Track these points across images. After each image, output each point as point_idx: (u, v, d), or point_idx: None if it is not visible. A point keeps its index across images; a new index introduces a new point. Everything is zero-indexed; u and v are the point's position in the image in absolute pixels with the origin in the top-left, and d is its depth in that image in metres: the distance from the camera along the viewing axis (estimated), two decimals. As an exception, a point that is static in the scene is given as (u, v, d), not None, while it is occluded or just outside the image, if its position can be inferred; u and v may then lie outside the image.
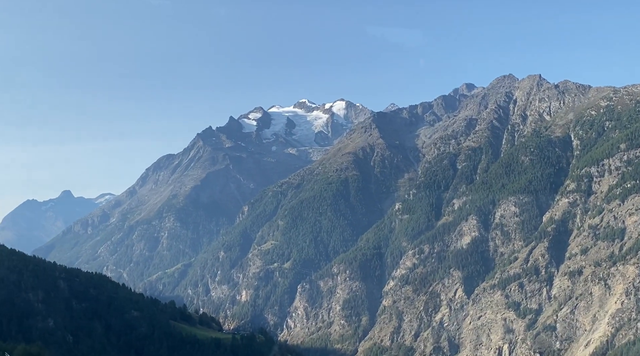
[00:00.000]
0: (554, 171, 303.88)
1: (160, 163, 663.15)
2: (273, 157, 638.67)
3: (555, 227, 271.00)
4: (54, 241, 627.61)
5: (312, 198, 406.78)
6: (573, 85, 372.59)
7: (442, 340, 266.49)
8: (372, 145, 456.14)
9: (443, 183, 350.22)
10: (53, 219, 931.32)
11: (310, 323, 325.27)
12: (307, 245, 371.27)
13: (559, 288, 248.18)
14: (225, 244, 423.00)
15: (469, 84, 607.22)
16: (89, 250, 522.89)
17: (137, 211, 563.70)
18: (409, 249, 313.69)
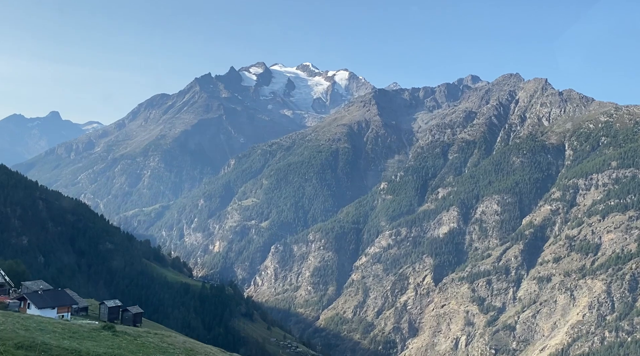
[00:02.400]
0: (542, 177, 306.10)
1: (153, 101, 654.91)
2: (268, 115, 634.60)
3: (533, 231, 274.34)
4: (35, 159, 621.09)
5: (300, 162, 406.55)
6: (577, 95, 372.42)
7: (403, 322, 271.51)
8: (368, 121, 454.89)
9: (431, 170, 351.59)
10: (37, 138, 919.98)
11: (278, 284, 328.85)
12: (287, 208, 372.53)
13: (526, 291, 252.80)
14: (206, 193, 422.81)
15: (474, 76, 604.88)
16: (69, 175, 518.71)
17: (123, 145, 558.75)
18: (387, 230, 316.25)
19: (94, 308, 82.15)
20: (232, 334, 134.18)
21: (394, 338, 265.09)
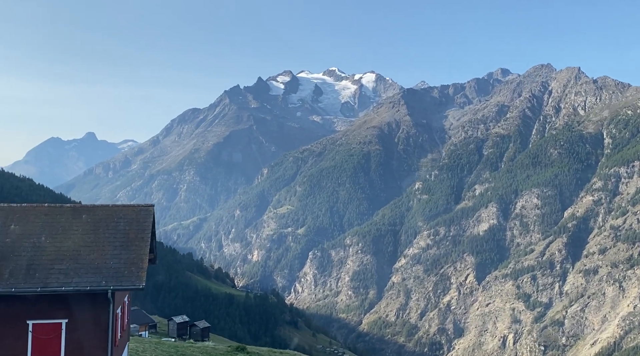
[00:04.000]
0: (581, 167, 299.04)
1: (185, 116, 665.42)
2: (297, 122, 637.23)
3: (575, 223, 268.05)
4: (74, 180, 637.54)
5: (332, 167, 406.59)
6: (612, 82, 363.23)
7: (448, 322, 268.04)
8: (398, 121, 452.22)
9: (467, 167, 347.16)
10: (75, 159, 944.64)
11: (318, 290, 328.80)
12: (323, 214, 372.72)
13: (572, 284, 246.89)
14: (241, 204, 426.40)
15: (504, 70, 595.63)
16: (108, 193, 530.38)
17: (158, 161, 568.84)
18: (425, 230, 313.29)
19: (161, 324, 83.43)
20: (278, 342, 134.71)
21: (439, 340, 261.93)
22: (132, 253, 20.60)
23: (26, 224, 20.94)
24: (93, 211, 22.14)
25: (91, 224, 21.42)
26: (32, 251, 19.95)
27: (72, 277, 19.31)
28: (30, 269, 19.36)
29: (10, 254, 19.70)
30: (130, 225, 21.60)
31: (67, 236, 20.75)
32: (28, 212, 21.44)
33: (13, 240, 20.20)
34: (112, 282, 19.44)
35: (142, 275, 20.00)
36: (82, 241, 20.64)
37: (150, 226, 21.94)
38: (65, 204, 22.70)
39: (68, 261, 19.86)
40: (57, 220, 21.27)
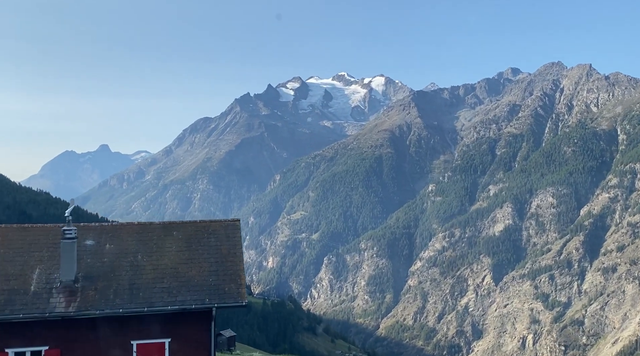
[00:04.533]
0: (596, 165, 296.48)
1: (197, 125, 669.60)
2: (308, 128, 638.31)
3: (592, 221, 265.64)
4: (90, 192, 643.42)
5: (344, 172, 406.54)
6: (624, 77, 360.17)
7: (466, 325, 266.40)
8: (410, 124, 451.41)
9: (480, 168, 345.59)
10: (90, 172, 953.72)
11: (334, 295, 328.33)
12: (336, 218, 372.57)
13: (591, 283, 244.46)
14: (255, 211, 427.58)
15: (514, 69, 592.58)
16: (124, 205, 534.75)
17: (171, 171, 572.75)
18: (440, 232, 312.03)
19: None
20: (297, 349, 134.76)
21: (458, 342, 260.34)
22: (228, 269, 20.54)
23: (120, 243, 20.86)
24: (183, 227, 22.14)
25: (183, 240, 21.37)
26: (132, 270, 19.79)
27: (176, 295, 19.10)
28: (133, 288, 19.18)
29: (111, 274, 19.57)
30: (220, 241, 21.65)
31: (163, 253, 20.69)
32: (120, 230, 21.47)
33: (111, 260, 20.09)
34: (215, 299, 19.20)
35: (243, 292, 19.82)
36: (178, 259, 20.56)
37: (240, 241, 22.20)
38: (155, 222, 22.86)
39: (168, 279, 19.67)
40: (150, 238, 21.24)
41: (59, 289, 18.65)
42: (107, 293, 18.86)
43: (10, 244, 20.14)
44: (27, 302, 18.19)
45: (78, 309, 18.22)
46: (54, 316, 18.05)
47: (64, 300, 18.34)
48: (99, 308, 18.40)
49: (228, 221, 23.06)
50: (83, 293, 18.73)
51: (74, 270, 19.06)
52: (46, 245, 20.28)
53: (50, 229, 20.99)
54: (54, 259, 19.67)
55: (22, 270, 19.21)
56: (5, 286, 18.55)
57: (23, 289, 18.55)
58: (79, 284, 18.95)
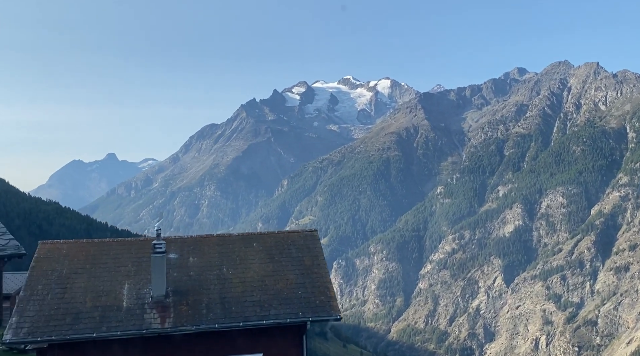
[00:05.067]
0: (606, 163, 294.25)
1: (203, 132, 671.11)
2: (314, 132, 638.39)
3: (603, 220, 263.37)
4: (98, 201, 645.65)
5: (352, 175, 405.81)
6: (632, 75, 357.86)
7: (478, 327, 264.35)
8: (416, 126, 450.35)
9: (488, 169, 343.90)
10: (97, 181, 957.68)
11: (344, 299, 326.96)
12: (345, 222, 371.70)
13: (604, 282, 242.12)
14: (263, 216, 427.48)
15: (520, 69, 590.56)
16: (132, 213, 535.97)
17: (179, 178, 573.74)
18: (449, 234, 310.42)
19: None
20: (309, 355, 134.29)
21: (470, 345, 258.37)
22: (315, 281, 20.14)
23: (203, 256, 20.48)
24: (261, 238, 21.97)
25: (264, 252, 21.18)
26: (219, 284, 19.41)
27: (268, 309, 18.68)
28: (225, 302, 18.75)
29: (199, 288, 19.14)
30: (302, 252, 21.34)
31: (247, 266, 20.44)
32: (200, 243, 21.16)
33: (197, 273, 19.71)
34: (309, 313, 18.77)
35: (335, 304, 19.34)
36: (263, 271, 20.29)
37: (322, 252, 21.70)
38: (233, 233, 22.57)
39: (258, 293, 19.31)
40: (231, 250, 21.03)
41: (151, 305, 18.32)
42: (200, 308, 18.54)
43: (94, 259, 19.84)
44: (122, 319, 17.88)
45: (174, 325, 17.87)
46: (151, 332, 17.68)
47: (159, 315, 18.01)
48: (194, 323, 18.05)
49: (306, 231, 22.83)
50: (176, 308, 18.40)
51: (164, 285, 18.75)
52: (130, 259, 20.01)
53: (132, 243, 20.90)
54: (140, 273, 19.40)
55: (111, 286, 18.94)
56: (98, 303, 18.24)
57: (116, 306, 18.22)
58: (170, 299, 18.60)
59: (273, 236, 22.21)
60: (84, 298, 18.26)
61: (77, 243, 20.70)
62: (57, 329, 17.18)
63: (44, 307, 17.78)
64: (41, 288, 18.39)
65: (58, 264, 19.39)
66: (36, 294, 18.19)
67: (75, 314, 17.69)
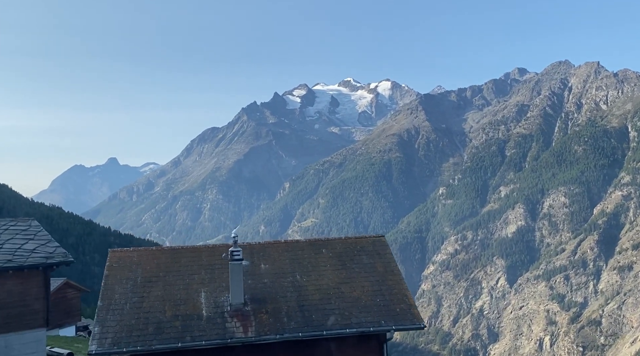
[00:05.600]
0: (608, 163, 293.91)
1: (204, 136, 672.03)
2: (315, 135, 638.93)
3: (606, 220, 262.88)
4: (100, 206, 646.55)
5: (353, 177, 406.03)
6: (633, 74, 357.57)
7: (481, 328, 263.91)
8: (417, 127, 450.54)
9: (490, 169, 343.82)
10: (99, 185, 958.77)
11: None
12: (347, 225, 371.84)
13: (607, 282, 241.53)
14: (265, 219, 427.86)
15: (521, 69, 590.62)
16: (134, 217, 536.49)
17: (180, 182, 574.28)
18: (452, 235, 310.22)
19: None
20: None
21: (474, 346, 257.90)
22: (392, 289, 19.73)
23: (274, 263, 20.20)
24: (329, 244, 21.64)
25: (335, 258, 20.77)
26: (295, 292, 19.08)
27: (349, 318, 18.16)
28: (304, 311, 18.38)
29: (276, 295, 18.84)
30: (372, 258, 20.93)
31: (320, 273, 20.05)
32: (269, 249, 20.97)
33: (271, 280, 19.43)
34: (391, 322, 18.30)
35: (417, 313, 18.89)
36: (337, 278, 19.88)
37: (393, 258, 21.29)
38: (300, 239, 22.39)
39: (336, 301, 18.89)
40: (301, 256, 20.74)
41: (230, 313, 18.09)
42: (280, 316, 18.23)
43: (166, 267, 19.64)
44: (204, 328, 17.56)
45: (257, 334, 17.57)
46: (235, 341, 17.39)
47: (240, 324, 17.78)
48: (277, 332, 17.71)
49: (373, 237, 22.50)
50: (256, 317, 18.12)
51: (242, 293, 18.49)
52: (202, 267, 19.76)
53: (201, 250, 20.72)
54: (214, 281, 19.15)
55: (188, 294, 18.66)
56: (177, 312, 17.93)
57: (196, 315, 17.92)
58: (249, 308, 18.32)
59: (341, 242, 21.96)
60: (163, 307, 18.00)
61: (146, 250, 20.67)
62: (141, 339, 16.97)
63: (124, 317, 17.58)
64: (118, 297, 18.22)
65: (131, 272, 19.27)
66: (114, 303, 18.00)
67: (156, 324, 17.45)
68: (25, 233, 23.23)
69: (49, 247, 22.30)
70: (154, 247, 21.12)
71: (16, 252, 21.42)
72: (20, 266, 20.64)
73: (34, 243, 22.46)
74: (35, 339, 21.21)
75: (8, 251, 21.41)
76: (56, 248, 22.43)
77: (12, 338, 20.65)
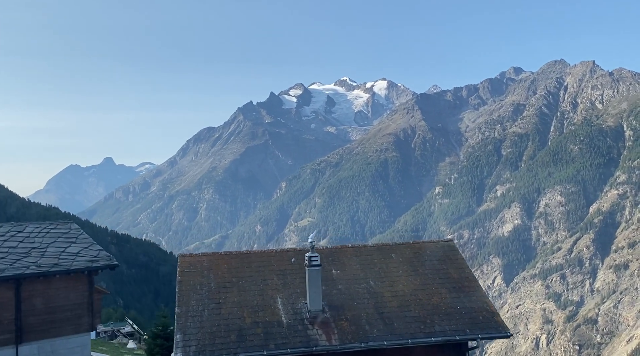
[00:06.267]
0: (603, 162, 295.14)
1: (200, 135, 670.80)
2: (312, 134, 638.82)
3: (602, 219, 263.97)
4: (95, 206, 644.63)
5: (350, 177, 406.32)
6: (628, 73, 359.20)
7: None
8: (414, 127, 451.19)
9: (486, 169, 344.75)
10: (95, 185, 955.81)
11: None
12: (344, 224, 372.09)
13: (603, 281, 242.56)
14: (262, 219, 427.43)
15: (516, 68, 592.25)
16: (130, 217, 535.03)
17: (177, 181, 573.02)
18: (448, 234, 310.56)
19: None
20: None
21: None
22: (471, 295, 19.16)
23: (345, 268, 19.72)
24: (398, 249, 21.22)
25: (405, 264, 20.35)
26: (372, 298, 18.55)
27: (432, 326, 17.63)
28: (384, 318, 17.79)
29: (352, 302, 18.33)
30: (444, 263, 20.49)
31: (393, 278, 19.58)
32: (337, 254, 20.47)
33: (345, 286, 18.97)
34: (476, 330, 17.76)
35: (501, 321, 18.36)
36: (412, 284, 19.43)
37: (465, 263, 20.81)
38: (367, 244, 21.89)
39: (415, 308, 18.37)
40: (371, 261, 20.26)
41: (310, 320, 17.73)
42: (361, 324, 17.75)
43: (238, 273, 19.45)
44: (286, 335, 17.19)
45: (341, 342, 17.08)
46: (320, 350, 16.95)
47: (323, 332, 17.34)
48: (360, 340, 17.22)
49: (442, 241, 22.28)
50: (337, 324, 17.68)
51: (321, 299, 18.13)
52: (273, 272, 19.55)
53: (270, 255, 20.63)
54: (288, 286, 18.90)
55: (264, 300, 18.44)
56: (256, 318, 17.67)
57: (276, 321, 17.63)
58: (328, 314, 17.91)
59: (409, 247, 21.63)
60: (242, 314, 17.82)
61: (215, 255, 20.61)
62: (226, 347, 16.70)
63: (205, 324, 17.38)
64: (195, 304, 18.04)
65: (204, 278, 19.11)
66: (192, 310, 17.81)
67: (238, 331, 17.22)
68: (67, 236, 23.06)
69: (92, 250, 22.16)
70: (222, 252, 20.98)
71: (61, 256, 21.28)
72: (67, 270, 20.54)
73: (76, 246, 22.32)
74: (80, 344, 21.12)
75: (53, 255, 21.23)
76: (99, 251, 22.29)
77: (59, 343, 20.59)
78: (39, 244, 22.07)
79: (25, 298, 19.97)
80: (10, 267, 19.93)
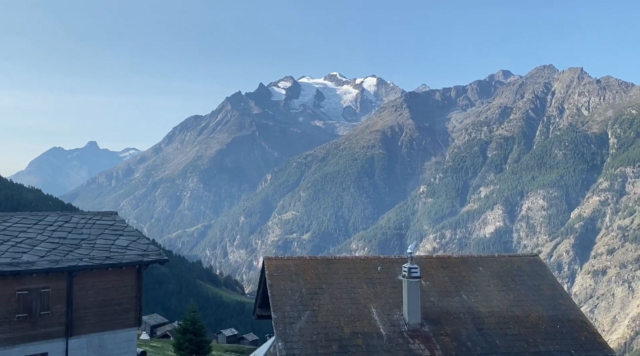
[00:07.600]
0: (587, 168, 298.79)
1: (187, 123, 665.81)
2: (299, 128, 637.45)
3: (582, 224, 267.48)
4: (78, 190, 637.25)
5: (336, 172, 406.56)
6: (615, 81, 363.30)
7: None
8: (401, 125, 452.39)
9: (471, 170, 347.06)
10: (77, 168, 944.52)
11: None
12: (328, 219, 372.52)
13: (581, 285, 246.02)
14: (245, 210, 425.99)
15: (505, 71, 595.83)
16: (112, 202, 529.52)
17: (161, 169, 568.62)
18: (430, 233, 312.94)
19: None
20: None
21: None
22: (569, 314, 18.75)
23: (432, 280, 19.37)
24: (484, 262, 20.82)
25: (495, 278, 19.91)
26: (468, 313, 18.18)
27: (536, 345, 17.18)
28: (485, 335, 17.34)
29: (449, 316, 17.96)
30: (534, 279, 20.05)
31: (485, 293, 19.20)
32: (421, 264, 19.70)
33: (437, 299, 18.55)
34: (581, 351, 17.35)
35: (604, 341, 18.05)
36: (506, 300, 18.98)
37: (556, 280, 20.33)
38: (451, 255, 21.56)
39: (514, 325, 18.00)
40: (459, 273, 19.93)
41: (410, 334, 17.22)
42: (462, 340, 17.28)
43: (327, 278, 19.05)
44: (389, 349, 16.65)
45: None
46: None
47: (425, 347, 16.80)
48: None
49: (528, 256, 21.91)
50: (438, 340, 17.14)
51: (420, 313, 17.61)
52: (361, 280, 19.11)
53: (356, 262, 20.19)
54: (380, 296, 18.42)
55: (358, 309, 17.96)
56: (354, 328, 17.22)
57: (375, 334, 17.17)
58: (427, 328, 17.42)
59: (495, 260, 21.14)
60: (339, 323, 17.42)
61: (300, 259, 20.31)
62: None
63: (304, 332, 17.05)
64: (289, 309, 17.72)
65: (294, 283, 18.83)
66: (288, 316, 17.48)
67: (338, 341, 16.83)
68: (113, 228, 22.58)
69: (141, 244, 21.68)
70: (307, 256, 20.68)
71: (111, 248, 20.82)
72: (119, 264, 20.10)
73: (125, 239, 21.84)
74: (127, 338, 20.79)
75: (103, 247, 20.72)
76: (148, 244, 21.76)
77: (107, 337, 20.29)
78: (87, 235, 21.51)
79: (77, 291, 19.55)
80: (64, 259, 19.38)
